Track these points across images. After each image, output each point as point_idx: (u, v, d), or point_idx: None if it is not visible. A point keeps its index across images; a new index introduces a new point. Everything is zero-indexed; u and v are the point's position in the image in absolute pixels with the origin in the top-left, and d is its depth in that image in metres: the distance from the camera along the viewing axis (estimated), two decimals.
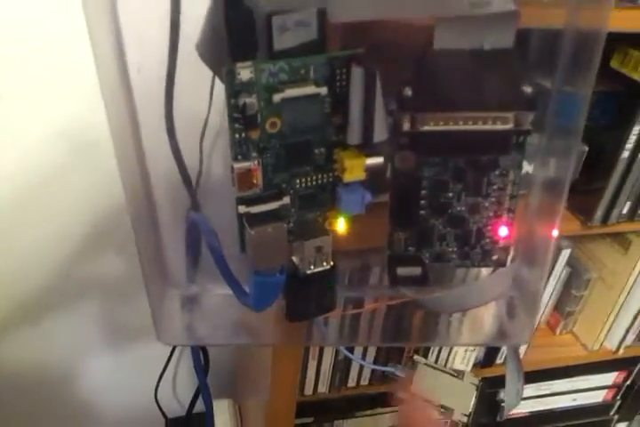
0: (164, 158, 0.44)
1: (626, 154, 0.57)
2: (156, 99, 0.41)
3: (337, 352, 0.67)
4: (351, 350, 0.66)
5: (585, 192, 0.62)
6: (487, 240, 0.42)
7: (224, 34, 0.32)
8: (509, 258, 0.43)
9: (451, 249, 0.43)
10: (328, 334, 0.53)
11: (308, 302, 0.43)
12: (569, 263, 0.76)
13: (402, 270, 0.42)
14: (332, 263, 0.41)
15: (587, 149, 0.58)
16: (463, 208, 0.41)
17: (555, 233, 0.39)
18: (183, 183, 0.46)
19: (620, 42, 0.56)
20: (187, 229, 0.48)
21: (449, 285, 0.43)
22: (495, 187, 0.40)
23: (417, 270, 0.42)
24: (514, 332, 0.43)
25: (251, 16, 0.32)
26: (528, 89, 0.36)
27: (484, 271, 0.45)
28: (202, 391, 0.64)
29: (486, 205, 0.41)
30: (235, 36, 0.32)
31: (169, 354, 0.86)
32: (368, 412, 0.81)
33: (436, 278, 0.45)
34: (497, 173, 0.39)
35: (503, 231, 0.42)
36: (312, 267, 0.41)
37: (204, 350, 0.71)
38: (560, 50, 0.36)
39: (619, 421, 1.00)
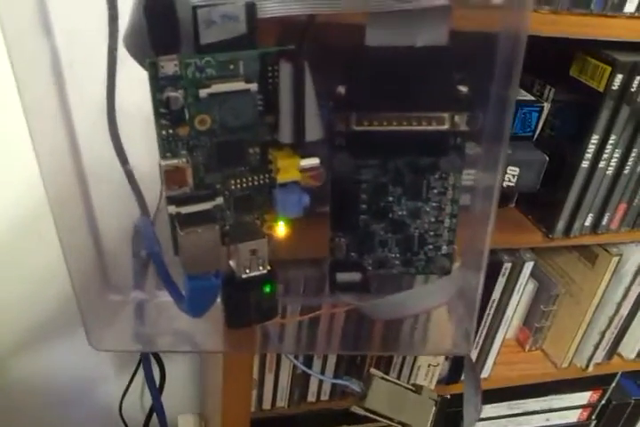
0: (109, 162, 0.43)
1: (586, 164, 0.56)
2: (94, 96, 0.40)
3: (295, 366, 0.65)
4: (309, 363, 0.65)
5: (547, 203, 0.61)
6: (430, 247, 0.41)
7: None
8: (454, 265, 0.42)
9: (393, 255, 0.41)
10: (280, 341, 0.51)
11: (247, 309, 0.42)
12: (536, 277, 0.74)
13: (341, 276, 0.41)
14: (268, 268, 0.40)
15: (547, 158, 0.58)
16: (404, 213, 0.40)
17: (487, 239, 0.38)
18: (130, 187, 0.45)
19: (579, 50, 0.55)
20: (133, 234, 0.47)
21: (392, 292, 0.42)
22: (435, 191, 0.39)
23: (357, 276, 0.41)
24: (458, 341, 0.42)
25: (171, 7, 0.31)
26: (463, 89, 0.35)
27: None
28: (154, 403, 0.62)
29: (427, 209, 0.40)
30: (155, 28, 0.31)
31: (135, 367, 0.84)
32: None
33: (381, 285, 0.43)
34: (436, 176, 0.38)
35: (445, 238, 0.41)
36: (247, 271, 0.40)
37: (160, 362, 0.69)
38: (489, 54, 0.35)
39: None
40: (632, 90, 0.53)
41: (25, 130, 0.36)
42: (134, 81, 0.38)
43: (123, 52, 0.37)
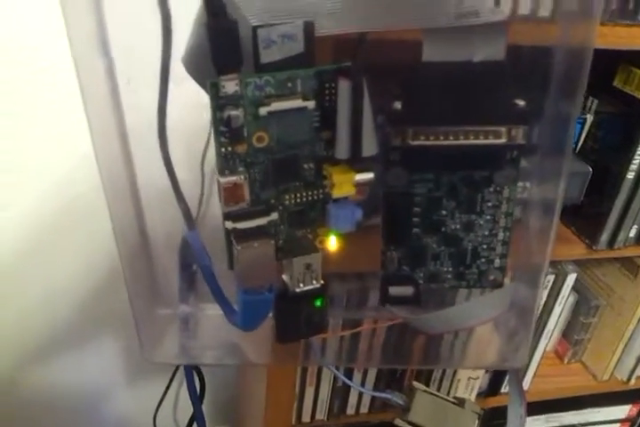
0: (158, 175, 0.43)
1: (631, 175, 0.56)
2: (148, 112, 0.41)
3: (335, 379, 0.65)
4: (350, 376, 0.65)
5: (591, 215, 0.61)
6: (483, 260, 0.41)
7: (208, 46, 0.32)
8: (506, 279, 0.41)
9: (445, 269, 0.41)
10: (322, 355, 0.52)
11: (298, 323, 0.42)
12: (576, 289, 0.74)
13: (394, 290, 0.41)
14: (322, 282, 0.40)
15: (591, 170, 0.57)
16: (457, 226, 0.40)
17: (548, 253, 0.37)
18: (177, 201, 0.45)
19: (623, 61, 0.55)
20: (180, 248, 0.47)
21: (443, 306, 0.42)
22: (490, 204, 0.39)
23: (409, 290, 0.41)
24: (509, 355, 0.41)
25: (234, 27, 0.32)
26: (520, 102, 0.35)
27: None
28: (195, 413, 0.62)
29: (481, 223, 0.40)
30: (218, 48, 0.32)
31: (169, 379, 0.84)
32: None
33: (433, 299, 0.43)
34: (491, 189, 0.38)
35: (499, 251, 0.41)
36: (301, 285, 0.40)
37: (199, 374, 0.69)
38: (549, 68, 0.35)
39: None
40: None
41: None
42: (183, 97, 0.39)
43: (176, 71, 0.38)
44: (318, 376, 0.64)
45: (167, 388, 0.85)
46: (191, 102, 0.39)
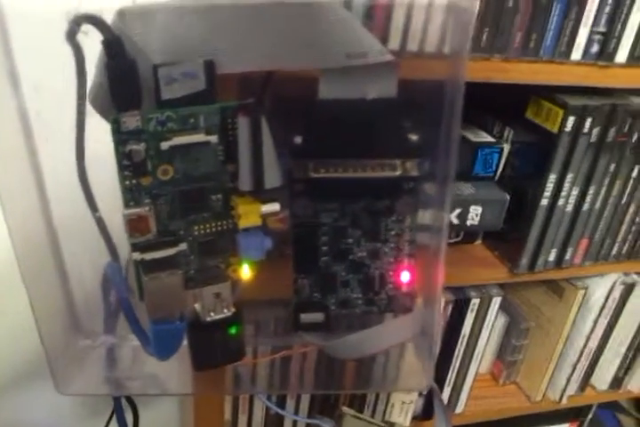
0: (77, 208, 0.44)
1: (545, 202, 0.58)
2: (62, 145, 0.41)
3: (268, 406, 0.65)
4: (283, 402, 0.65)
5: (512, 240, 0.63)
6: (390, 286, 0.42)
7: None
8: (415, 303, 0.43)
9: (355, 295, 0.43)
10: (248, 382, 0.52)
11: (213, 351, 0.43)
12: (507, 312, 0.76)
13: (305, 316, 0.42)
14: (233, 310, 0.41)
15: (508, 197, 0.60)
16: (364, 254, 0.41)
17: (440, 278, 0.39)
18: (100, 234, 0.46)
19: (534, 93, 0.58)
20: (102, 279, 0.48)
21: (355, 330, 0.43)
22: (393, 232, 0.41)
23: (320, 316, 0.42)
24: (414, 377, 0.43)
25: (133, 67, 0.33)
26: (413, 137, 0.37)
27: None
28: None
29: (386, 250, 0.41)
30: (117, 86, 0.33)
31: (109, 414, 0.83)
32: None
33: (346, 325, 0.44)
34: (393, 218, 0.40)
35: (405, 277, 0.42)
36: (212, 314, 0.41)
37: (133, 408, 0.69)
38: (438, 102, 0.37)
39: None
40: (584, 131, 0.56)
41: None
42: (101, 129, 0.40)
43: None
44: (250, 404, 0.64)
45: (107, 423, 0.83)
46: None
